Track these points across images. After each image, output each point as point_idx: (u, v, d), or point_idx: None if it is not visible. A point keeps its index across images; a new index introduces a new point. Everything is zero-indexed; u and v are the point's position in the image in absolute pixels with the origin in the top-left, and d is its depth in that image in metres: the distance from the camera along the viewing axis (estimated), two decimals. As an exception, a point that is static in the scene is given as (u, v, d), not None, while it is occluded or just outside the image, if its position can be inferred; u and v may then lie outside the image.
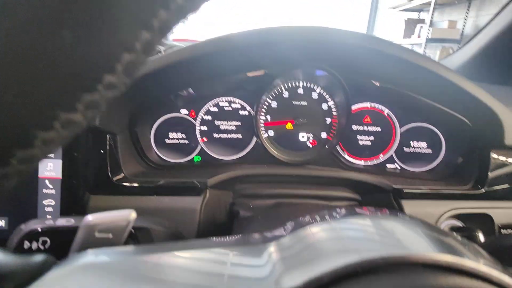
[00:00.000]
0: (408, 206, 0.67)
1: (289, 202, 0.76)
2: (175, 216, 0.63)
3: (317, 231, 0.29)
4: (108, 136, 0.63)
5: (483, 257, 0.28)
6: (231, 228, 0.65)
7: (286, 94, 0.80)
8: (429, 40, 4.81)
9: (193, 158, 0.81)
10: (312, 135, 0.83)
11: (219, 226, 0.70)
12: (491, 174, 0.68)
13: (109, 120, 0.63)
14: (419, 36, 5.10)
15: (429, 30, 4.78)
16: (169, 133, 0.78)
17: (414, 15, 5.83)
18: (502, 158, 0.68)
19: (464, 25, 4.60)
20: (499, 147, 0.68)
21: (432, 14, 4.88)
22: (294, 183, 0.79)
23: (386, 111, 0.80)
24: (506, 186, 0.68)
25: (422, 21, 5.46)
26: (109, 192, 0.63)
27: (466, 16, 4.56)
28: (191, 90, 0.74)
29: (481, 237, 0.62)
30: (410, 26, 5.45)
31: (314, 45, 0.67)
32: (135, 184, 0.65)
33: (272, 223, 0.57)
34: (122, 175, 0.66)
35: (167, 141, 0.78)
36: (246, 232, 0.57)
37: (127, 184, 0.64)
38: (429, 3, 4.71)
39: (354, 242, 0.24)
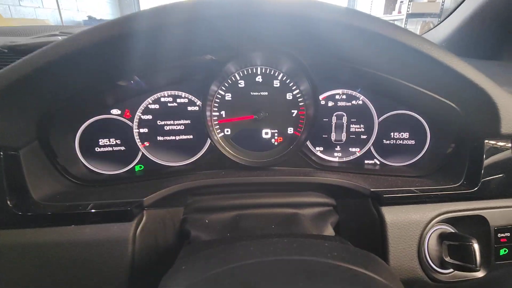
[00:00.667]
0: (390, 213, 0.56)
1: (252, 213, 0.64)
2: (99, 250, 0.49)
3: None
4: (1, 154, 0.48)
5: None
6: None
7: (242, 84, 0.66)
8: (409, 15, 4.71)
9: (133, 167, 0.67)
10: (277, 131, 0.70)
11: (163, 254, 0.58)
12: (485, 169, 0.57)
13: (3, 132, 0.48)
14: (399, 12, 4.99)
15: (409, 5, 4.68)
16: (100, 139, 0.63)
17: (394, -10, 5.69)
18: (497, 149, 0.57)
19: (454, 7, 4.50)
20: (494, 136, 0.57)
21: (412, -12, 4.75)
22: (258, 191, 0.67)
23: (362, 98, 0.68)
24: (501, 181, 0.57)
25: (402, -4, 5.33)
26: (9, 225, 0.49)
27: (446, -11, 4.47)
28: (122, 83, 0.58)
29: (476, 248, 0.52)
30: (390, 1, 5.32)
31: (272, 20, 0.52)
32: (45, 212, 0.50)
33: (227, 250, 0.45)
34: (29, 200, 0.51)
35: (98, 149, 0.64)
36: (191, 266, 0.44)
37: (35, 214, 0.50)
38: (408, -23, 4.59)
39: None
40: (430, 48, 0.51)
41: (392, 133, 0.69)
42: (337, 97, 0.68)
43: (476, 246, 0.51)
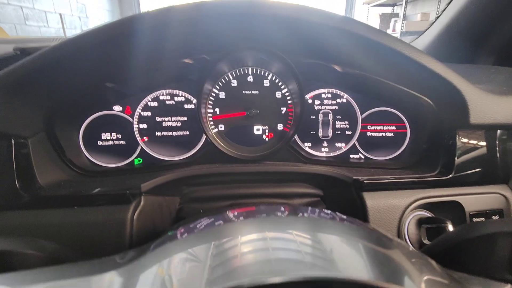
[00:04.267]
0: (371, 198, 0.60)
1: (245, 203, 0.68)
2: (99, 231, 0.53)
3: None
4: (12, 141, 0.53)
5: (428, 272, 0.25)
6: None
7: (234, 83, 0.72)
8: (403, 33, 4.87)
9: (133, 161, 0.71)
10: (267, 127, 0.75)
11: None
12: (458, 157, 0.61)
13: (14, 122, 0.53)
14: (394, 30, 5.16)
15: (403, 23, 4.85)
16: (102, 133, 0.68)
17: (388, 10, 5.91)
18: (469, 139, 0.62)
19: (436, 17, 4.67)
20: (465, 127, 0.61)
21: (405, 8, 4.94)
22: (250, 182, 0.71)
23: (346, 96, 0.73)
24: (474, 170, 0.62)
25: (396, 15, 5.53)
26: (19, 207, 0.53)
27: (438, 8, 4.64)
28: (109, 85, 0.63)
29: (451, 228, 0.55)
30: (385, 20, 5.52)
31: (264, 22, 0.58)
32: (50, 194, 0.54)
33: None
34: (36, 185, 0.56)
35: (100, 143, 0.68)
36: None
37: (41, 196, 0.54)
38: (401, -4, 4.78)
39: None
40: (408, 49, 0.57)
41: (375, 129, 0.74)
42: (323, 96, 0.74)
43: (450, 226, 0.55)
